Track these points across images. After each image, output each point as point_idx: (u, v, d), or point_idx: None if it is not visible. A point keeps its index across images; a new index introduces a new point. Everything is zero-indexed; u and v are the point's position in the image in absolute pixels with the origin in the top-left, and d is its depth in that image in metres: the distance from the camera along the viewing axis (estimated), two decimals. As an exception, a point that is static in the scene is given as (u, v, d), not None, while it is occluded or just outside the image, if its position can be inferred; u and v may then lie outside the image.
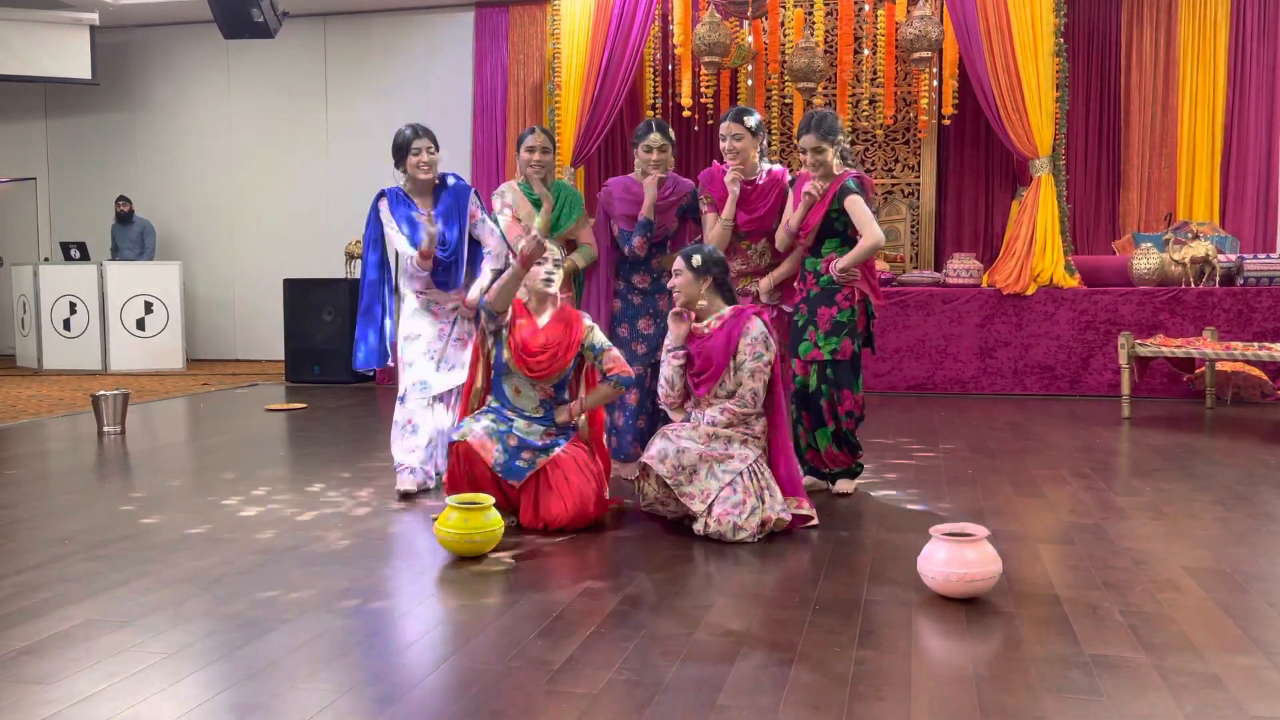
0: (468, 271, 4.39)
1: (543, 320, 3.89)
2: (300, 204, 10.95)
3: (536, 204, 4.46)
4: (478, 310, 4.12)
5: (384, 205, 4.35)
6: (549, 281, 3.87)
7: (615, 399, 4.03)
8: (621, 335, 4.53)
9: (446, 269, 4.31)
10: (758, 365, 3.68)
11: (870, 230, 4.08)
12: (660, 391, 3.87)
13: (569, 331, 3.86)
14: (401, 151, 4.30)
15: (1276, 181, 8.57)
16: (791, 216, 4.20)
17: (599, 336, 3.91)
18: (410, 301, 4.40)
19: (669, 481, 3.59)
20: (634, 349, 4.48)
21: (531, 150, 4.43)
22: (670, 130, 4.46)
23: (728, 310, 3.79)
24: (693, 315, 3.82)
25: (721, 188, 4.31)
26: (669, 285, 3.85)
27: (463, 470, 3.70)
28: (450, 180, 4.41)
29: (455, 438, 3.72)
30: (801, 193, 4.16)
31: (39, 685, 2.34)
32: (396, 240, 4.31)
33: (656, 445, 3.65)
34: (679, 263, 3.80)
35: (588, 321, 3.93)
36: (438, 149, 4.32)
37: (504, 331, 3.86)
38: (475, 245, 4.42)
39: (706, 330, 3.77)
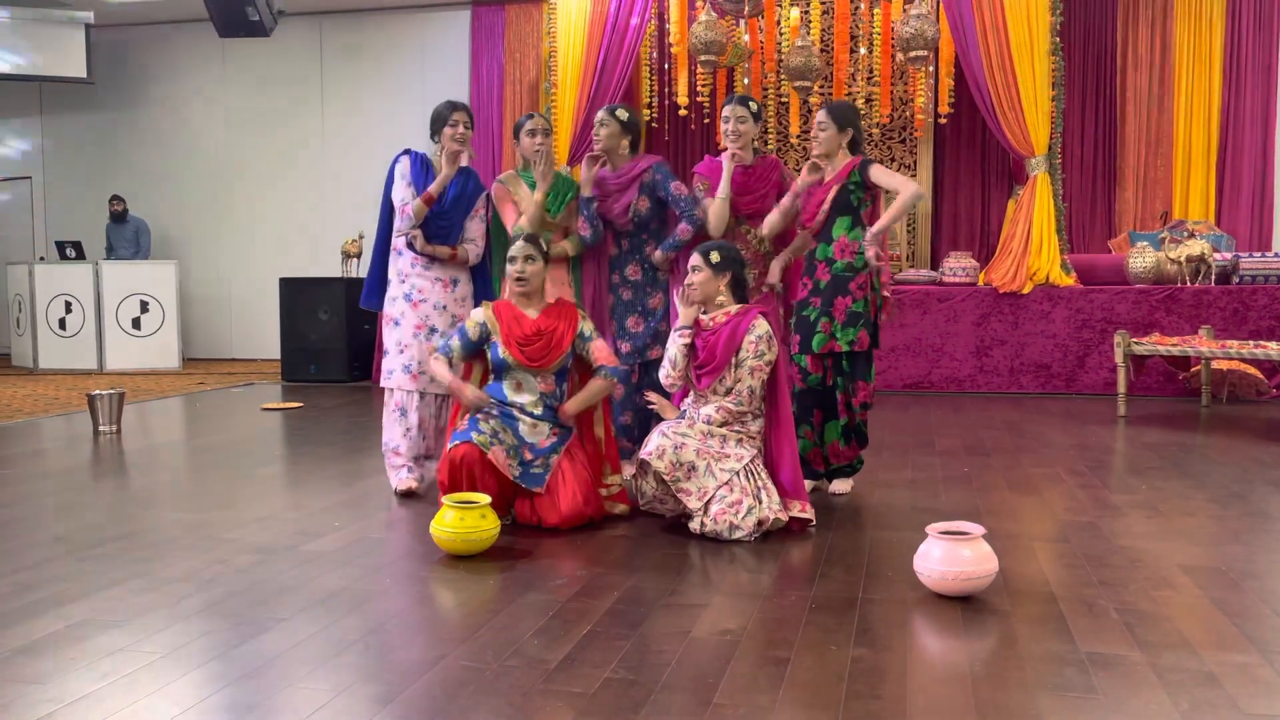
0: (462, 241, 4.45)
1: (532, 313, 3.91)
2: (296, 203, 10.94)
3: (534, 186, 4.41)
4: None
5: (405, 162, 4.38)
6: (521, 281, 3.88)
7: (608, 393, 3.98)
8: (609, 332, 4.52)
9: (440, 220, 4.32)
10: (758, 364, 3.68)
11: (906, 183, 3.99)
12: (661, 372, 3.84)
13: (563, 318, 3.89)
14: (438, 122, 4.34)
15: (1272, 180, 8.59)
16: (787, 197, 4.16)
17: (589, 325, 3.95)
18: (396, 286, 4.39)
19: (666, 478, 3.59)
20: (619, 347, 4.46)
21: (533, 134, 4.36)
22: (619, 110, 4.43)
23: (735, 308, 3.79)
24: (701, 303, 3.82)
25: (716, 174, 4.31)
26: (686, 283, 3.79)
27: (463, 471, 3.63)
28: (472, 172, 4.47)
29: (474, 439, 3.62)
30: (805, 171, 4.13)
31: (35, 685, 2.34)
32: (402, 191, 4.32)
33: (654, 441, 3.64)
34: (697, 259, 3.76)
35: (583, 313, 3.96)
36: (472, 127, 4.37)
37: (494, 335, 3.87)
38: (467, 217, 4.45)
39: (711, 324, 3.76)
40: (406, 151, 4.44)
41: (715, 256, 3.75)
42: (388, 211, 4.44)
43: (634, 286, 4.47)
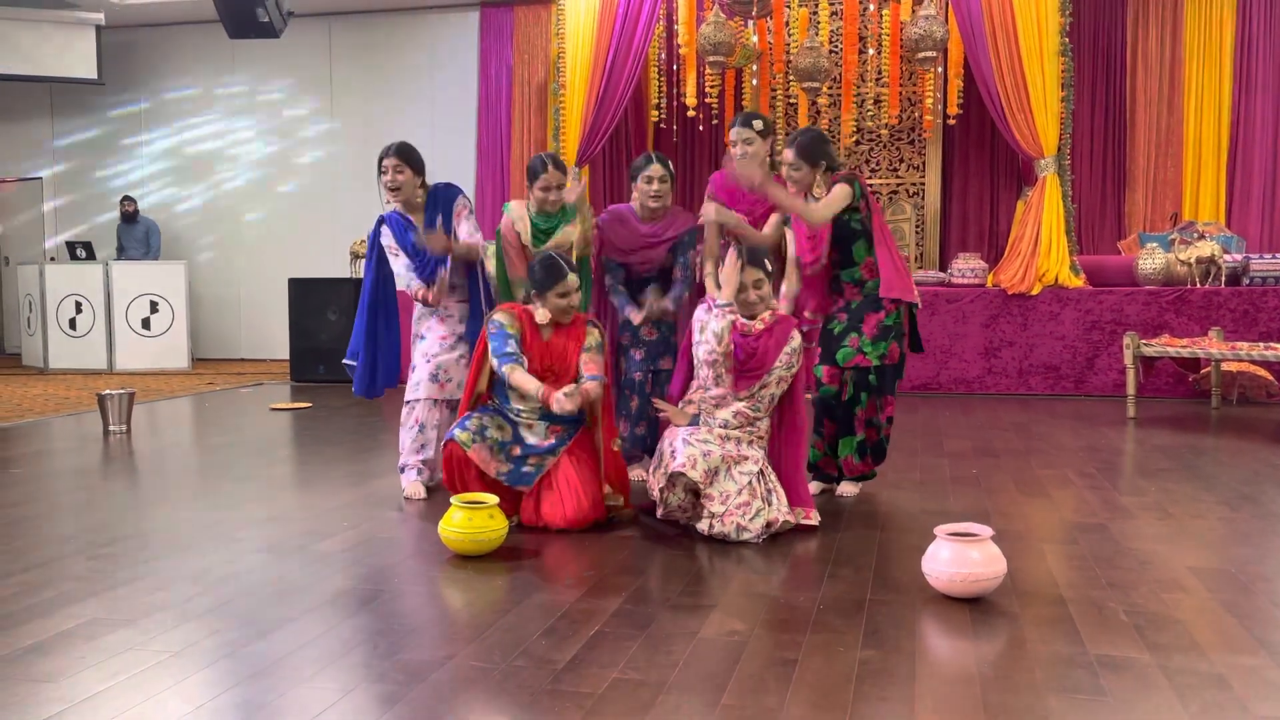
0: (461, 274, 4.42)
1: (547, 333, 3.87)
2: (305, 203, 10.97)
3: (541, 232, 4.34)
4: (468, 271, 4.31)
5: (386, 233, 4.35)
6: (569, 311, 3.84)
7: (597, 397, 3.82)
8: (622, 342, 4.51)
9: (434, 271, 4.32)
10: (786, 375, 3.71)
11: (818, 210, 3.96)
12: (705, 349, 3.69)
13: (572, 337, 3.87)
14: (377, 165, 4.31)
15: (1283, 181, 8.56)
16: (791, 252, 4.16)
17: (596, 339, 3.89)
18: (419, 306, 4.40)
19: (701, 485, 3.54)
20: (633, 355, 4.46)
21: (547, 189, 4.27)
22: (670, 163, 4.43)
23: (769, 315, 3.78)
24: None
25: (728, 189, 4.31)
26: (751, 299, 3.73)
27: (455, 470, 3.71)
28: (439, 190, 4.40)
29: (457, 436, 3.69)
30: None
31: (45, 684, 2.35)
32: (403, 275, 4.34)
33: (683, 452, 3.56)
34: (756, 273, 3.71)
35: (592, 329, 3.90)
36: (412, 170, 4.26)
37: (516, 340, 3.82)
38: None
39: (753, 330, 3.74)
40: (381, 220, 4.37)
41: (770, 265, 3.77)
42: (372, 281, 4.41)
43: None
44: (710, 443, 3.62)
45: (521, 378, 3.73)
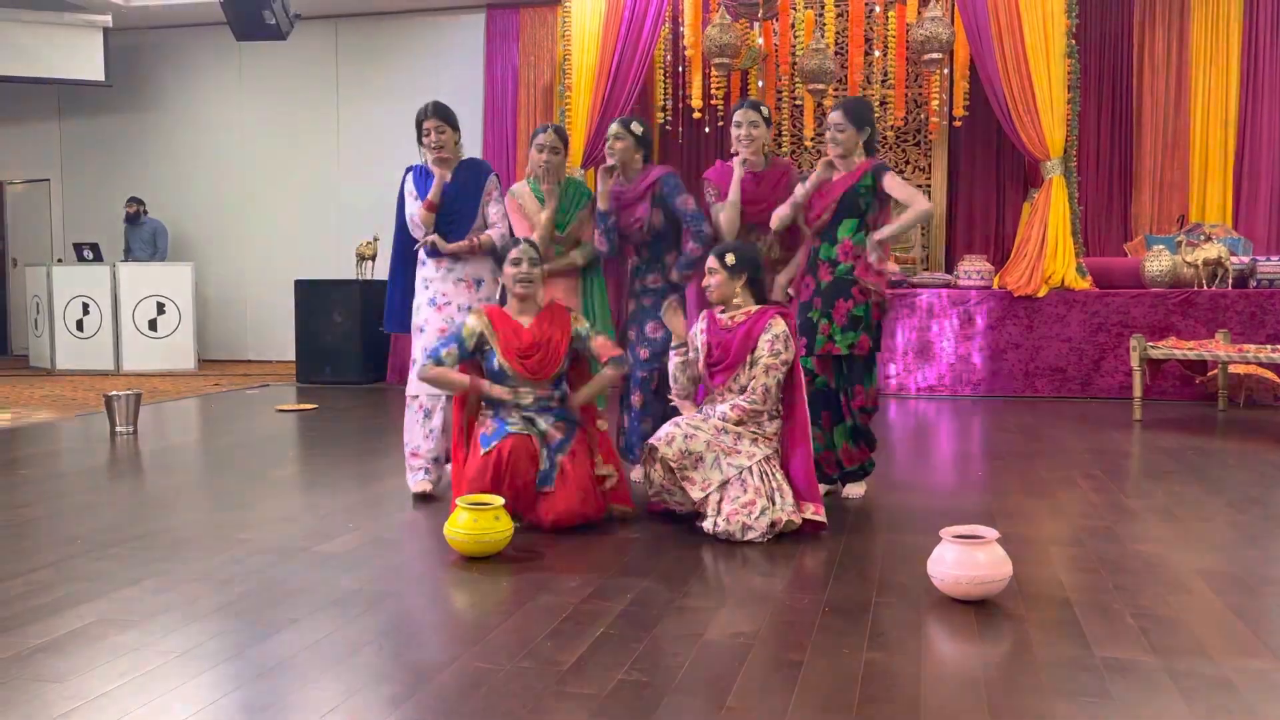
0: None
1: (527, 321, 3.89)
2: (311, 205, 10.99)
3: (542, 200, 4.48)
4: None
5: (408, 180, 4.50)
6: (526, 283, 3.87)
7: (616, 381, 4.01)
8: (629, 338, 4.52)
9: (449, 218, 4.37)
10: (773, 363, 3.68)
11: (918, 199, 4.02)
12: (674, 390, 3.93)
13: (556, 324, 3.88)
14: (417, 128, 4.45)
15: (1289, 183, 8.53)
16: (798, 191, 4.12)
17: (584, 324, 3.96)
18: (421, 293, 4.43)
19: (674, 465, 3.59)
20: (638, 353, 4.46)
21: (541, 149, 4.41)
22: (634, 123, 4.42)
23: (754, 308, 3.79)
24: (679, 308, 3.94)
25: (727, 180, 4.30)
26: (703, 284, 3.82)
27: (508, 465, 3.62)
28: (474, 159, 4.56)
29: (515, 431, 3.68)
30: (820, 168, 4.11)
31: (52, 683, 2.35)
32: (409, 205, 4.44)
33: (665, 429, 3.67)
34: (713, 261, 3.78)
35: (577, 318, 3.96)
36: (451, 129, 4.43)
37: (490, 344, 3.83)
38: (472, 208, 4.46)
39: (730, 323, 3.77)
40: (409, 168, 4.53)
41: (730, 259, 3.76)
42: (401, 230, 4.54)
43: (654, 293, 4.46)
44: (700, 429, 3.64)
45: (441, 372, 3.79)
